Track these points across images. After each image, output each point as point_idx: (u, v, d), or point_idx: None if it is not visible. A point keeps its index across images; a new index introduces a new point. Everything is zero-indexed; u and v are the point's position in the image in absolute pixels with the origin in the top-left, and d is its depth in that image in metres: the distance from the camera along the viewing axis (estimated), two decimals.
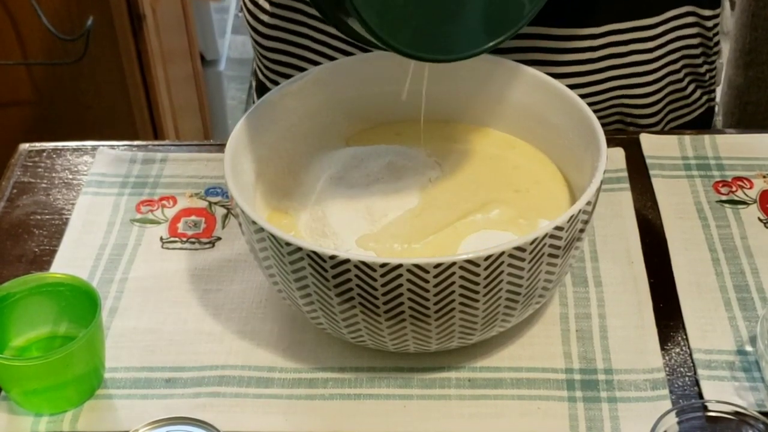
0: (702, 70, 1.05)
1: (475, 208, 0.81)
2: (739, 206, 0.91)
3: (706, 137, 0.98)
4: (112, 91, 1.82)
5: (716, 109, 1.13)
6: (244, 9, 1.10)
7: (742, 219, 0.90)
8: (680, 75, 1.03)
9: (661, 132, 1.01)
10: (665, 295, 0.83)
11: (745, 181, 0.93)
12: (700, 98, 1.08)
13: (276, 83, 1.07)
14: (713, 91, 1.11)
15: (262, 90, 1.12)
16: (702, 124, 1.11)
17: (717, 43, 1.06)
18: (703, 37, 1.02)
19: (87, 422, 0.75)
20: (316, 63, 1.02)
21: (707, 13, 1.01)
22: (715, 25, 1.03)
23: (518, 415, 0.75)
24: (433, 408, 0.75)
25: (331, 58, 1.00)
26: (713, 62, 1.07)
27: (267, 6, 1.04)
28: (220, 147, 0.98)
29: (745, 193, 0.92)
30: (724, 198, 0.92)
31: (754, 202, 0.91)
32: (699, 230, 0.89)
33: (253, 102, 1.19)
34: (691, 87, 1.06)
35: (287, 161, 0.86)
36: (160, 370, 0.79)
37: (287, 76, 1.05)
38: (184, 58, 2.09)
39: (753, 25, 1.38)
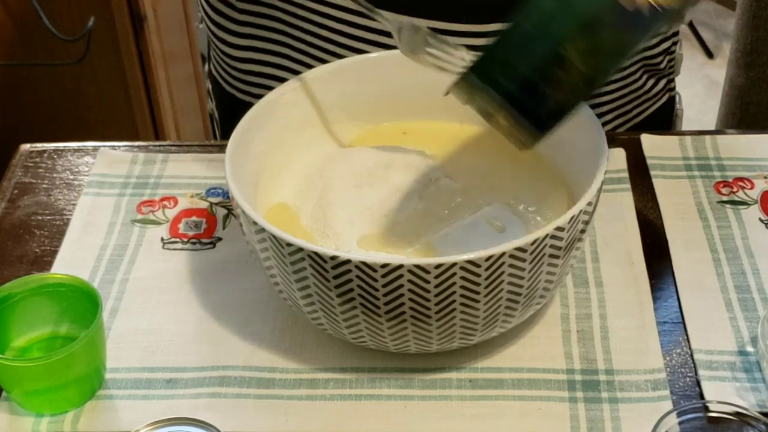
0: (659, 60, 1.04)
1: (476, 209, 0.81)
2: (740, 207, 0.91)
3: (707, 138, 0.98)
4: (113, 92, 1.82)
5: (677, 98, 1.12)
6: (206, 20, 1.06)
7: (743, 219, 0.90)
8: (637, 74, 1.03)
9: (660, 132, 1.01)
10: (666, 296, 0.83)
11: (746, 182, 0.93)
12: (662, 90, 1.08)
13: (252, 95, 1.05)
14: (673, 80, 1.10)
15: (232, 104, 1.08)
16: (663, 115, 1.10)
17: (676, 33, 1.05)
18: None
19: (88, 423, 0.75)
20: (297, 64, 1.01)
21: None
22: None
23: (519, 416, 0.75)
24: (434, 408, 0.75)
25: (316, 60, 0.99)
26: (672, 52, 1.06)
27: (236, 15, 1.01)
28: (221, 147, 0.98)
29: (746, 194, 0.92)
30: (725, 198, 0.92)
31: (755, 202, 0.91)
32: (700, 231, 0.89)
33: (215, 125, 1.17)
34: (651, 82, 1.05)
35: (288, 161, 0.86)
36: (161, 370, 0.79)
37: (263, 87, 1.03)
38: (185, 59, 2.09)
39: (754, 26, 1.38)
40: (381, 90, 0.88)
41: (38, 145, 1.00)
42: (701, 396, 0.76)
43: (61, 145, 1.00)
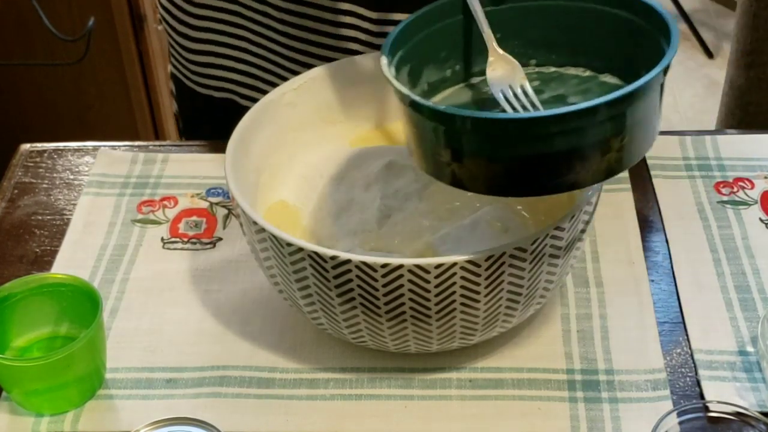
0: None
1: (476, 209, 0.81)
2: (740, 207, 0.91)
3: (707, 138, 0.98)
4: (113, 92, 1.82)
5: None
6: (166, 16, 1.06)
7: (744, 219, 0.90)
8: None
9: (660, 132, 1.00)
10: (666, 296, 0.83)
11: (746, 182, 0.93)
12: None
13: (212, 88, 1.05)
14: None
15: (193, 100, 1.08)
16: None
17: None
18: None
19: (88, 422, 0.75)
20: (256, 57, 1.00)
21: None
22: None
23: (519, 416, 0.75)
24: (434, 408, 0.75)
25: (275, 54, 0.99)
26: None
27: (195, 9, 1.01)
28: (221, 147, 0.97)
29: (747, 194, 0.92)
30: (725, 198, 0.92)
31: (756, 202, 0.91)
32: (700, 231, 0.89)
33: (178, 124, 1.16)
34: None
35: (288, 161, 0.86)
36: (160, 370, 0.79)
37: (223, 80, 1.03)
38: None
39: (754, 26, 1.38)
40: (381, 90, 0.88)
41: (38, 145, 1.01)
42: (701, 396, 0.76)
43: (61, 145, 1.00)
